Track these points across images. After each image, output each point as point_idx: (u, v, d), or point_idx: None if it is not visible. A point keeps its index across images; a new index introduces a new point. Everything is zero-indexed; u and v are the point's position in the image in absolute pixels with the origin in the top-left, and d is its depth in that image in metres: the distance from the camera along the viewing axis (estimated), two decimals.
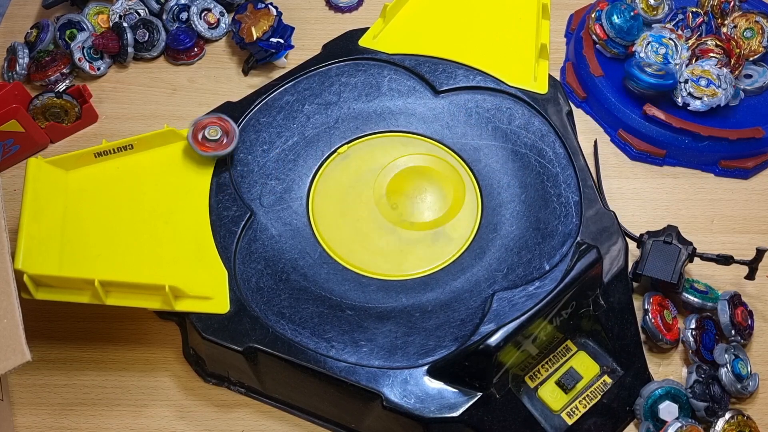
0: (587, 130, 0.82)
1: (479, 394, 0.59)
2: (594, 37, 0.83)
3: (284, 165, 0.71)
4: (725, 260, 0.69)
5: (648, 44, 0.80)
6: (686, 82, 0.77)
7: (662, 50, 0.79)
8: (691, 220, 0.76)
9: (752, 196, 0.78)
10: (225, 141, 0.67)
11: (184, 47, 0.88)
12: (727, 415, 0.62)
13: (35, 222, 0.63)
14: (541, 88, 0.75)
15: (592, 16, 0.83)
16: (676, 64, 0.79)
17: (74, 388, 0.68)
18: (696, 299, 0.68)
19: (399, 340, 0.61)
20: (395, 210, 0.69)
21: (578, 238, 0.66)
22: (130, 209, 0.68)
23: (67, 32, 0.88)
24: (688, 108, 0.77)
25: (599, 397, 0.63)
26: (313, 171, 0.71)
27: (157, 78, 0.88)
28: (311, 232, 0.68)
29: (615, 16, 0.82)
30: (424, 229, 0.68)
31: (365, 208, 0.69)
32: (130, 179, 0.70)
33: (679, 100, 0.78)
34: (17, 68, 0.84)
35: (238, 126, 0.73)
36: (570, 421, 0.62)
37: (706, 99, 0.77)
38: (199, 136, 0.67)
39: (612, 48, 0.82)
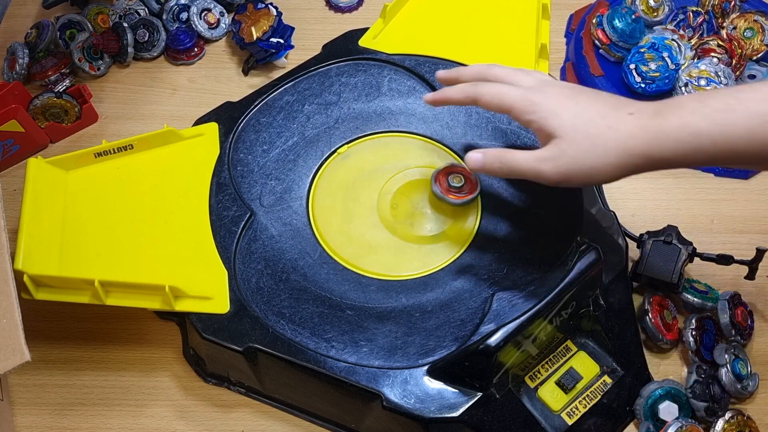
0: None
1: (479, 394, 0.59)
2: (597, 42, 0.83)
3: (284, 165, 0.71)
4: (725, 260, 0.68)
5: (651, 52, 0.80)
6: (686, 85, 0.77)
7: (665, 53, 0.78)
8: (691, 220, 0.76)
9: (752, 196, 0.78)
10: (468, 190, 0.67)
11: (184, 47, 0.88)
12: (727, 415, 0.62)
13: (35, 222, 0.63)
14: None
15: (594, 21, 0.83)
16: (680, 64, 0.79)
17: (74, 388, 0.68)
18: (696, 299, 0.68)
19: (399, 340, 0.61)
20: (395, 210, 0.69)
21: (578, 238, 0.65)
22: (130, 209, 0.68)
23: (67, 32, 0.88)
24: None
25: (599, 397, 0.63)
26: (313, 171, 0.71)
27: (157, 78, 0.88)
28: (311, 232, 0.68)
29: (616, 20, 0.81)
30: (425, 228, 0.68)
31: (365, 208, 0.69)
32: (130, 179, 0.70)
33: None
34: (17, 68, 0.84)
35: (238, 126, 0.73)
36: (570, 421, 0.62)
37: None
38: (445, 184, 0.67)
39: (615, 52, 0.82)
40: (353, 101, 0.75)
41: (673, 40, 0.80)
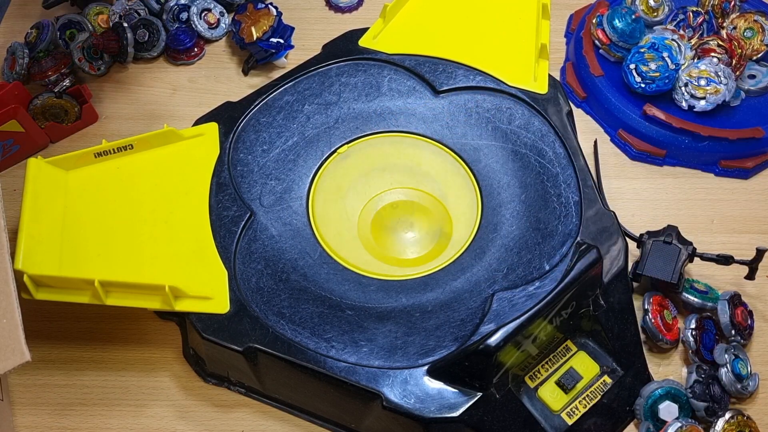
0: (587, 130, 0.82)
1: (479, 394, 0.59)
2: (597, 42, 0.83)
3: (284, 165, 0.71)
4: (725, 260, 0.68)
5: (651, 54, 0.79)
6: (686, 85, 0.77)
7: (665, 53, 0.78)
8: (691, 220, 0.76)
9: (752, 196, 0.78)
10: None
11: (184, 47, 0.88)
12: (727, 415, 0.62)
13: (35, 222, 0.63)
14: (541, 88, 0.75)
15: (594, 21, 0.83)
16: (680, 64, 0.79)
17: (74, 388, 0.68)
18: (696, 299, 0.68)
19: (399, 340, 0.61)
20: (396, 209, 0.69)
21: (578, 238, 0.65)
22: (130, 209, 0.68)
23: (67, 32, 0.88)
24: (695, 110, 0.77)
25: (599, 397, 0.63)
26: (313, 171, 0.71)
27: (157, 78, 0.88)
28: (311, 232, 0.68)
29: (616, 20, 0.81)
30: (425, 229, 0.68)
31: (365, 207, 0.69)
32: (130, 179, 0.70)
33: (684, 104, 0.78)
34: (17, 68, 0.84)
35: (238, 126, 0.73)
36: (570, 421, 0.62)
37: (710, 97, 0.77)
38: None
39: (615, 52, 0.82)
40: (353, 101, 0.75)
41: (673, 40, 0.80)
